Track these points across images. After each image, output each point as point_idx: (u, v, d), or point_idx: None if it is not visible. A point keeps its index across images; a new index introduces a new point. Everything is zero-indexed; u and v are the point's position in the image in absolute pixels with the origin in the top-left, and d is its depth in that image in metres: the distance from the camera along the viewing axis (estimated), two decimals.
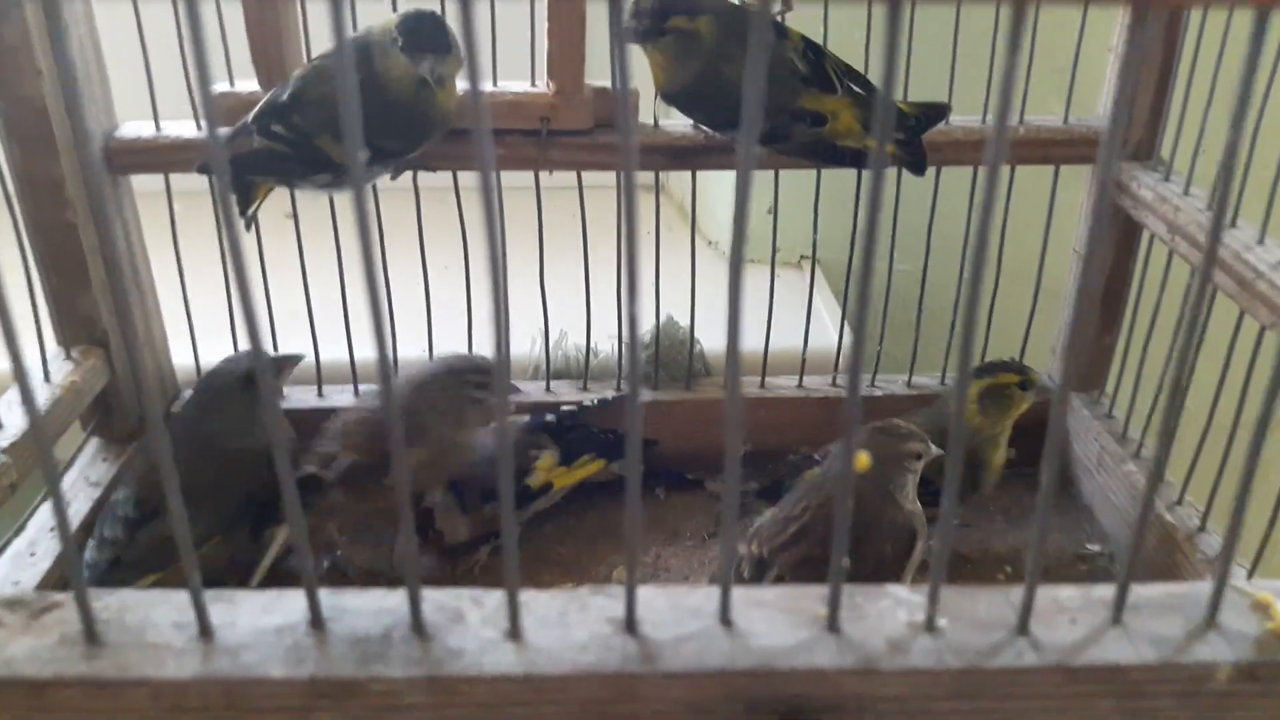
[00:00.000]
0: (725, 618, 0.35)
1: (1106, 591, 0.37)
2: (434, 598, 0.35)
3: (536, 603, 0.35)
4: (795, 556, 0.72)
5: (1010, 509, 0.96)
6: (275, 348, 0.93)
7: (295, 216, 0.89)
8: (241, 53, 0.82)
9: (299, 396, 0.97)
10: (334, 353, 0.95)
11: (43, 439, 0.36)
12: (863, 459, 0.74)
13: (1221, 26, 0.76)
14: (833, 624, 0.34)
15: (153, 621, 0.35)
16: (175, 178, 0.87)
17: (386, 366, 0.31)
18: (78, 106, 0.40)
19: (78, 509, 0.82)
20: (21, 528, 0.79)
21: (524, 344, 1.00)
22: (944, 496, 0.33)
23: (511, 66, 0.85)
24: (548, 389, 0.98)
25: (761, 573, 0.73)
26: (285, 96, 0.79)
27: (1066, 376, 0.55)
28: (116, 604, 0.36)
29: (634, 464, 0.32)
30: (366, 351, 0.96)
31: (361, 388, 0.96)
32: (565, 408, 0.95)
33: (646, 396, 0.96)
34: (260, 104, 0.80)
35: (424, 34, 0.75)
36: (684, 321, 0.99)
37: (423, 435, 0.81)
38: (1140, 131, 0.85)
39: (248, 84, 0.84)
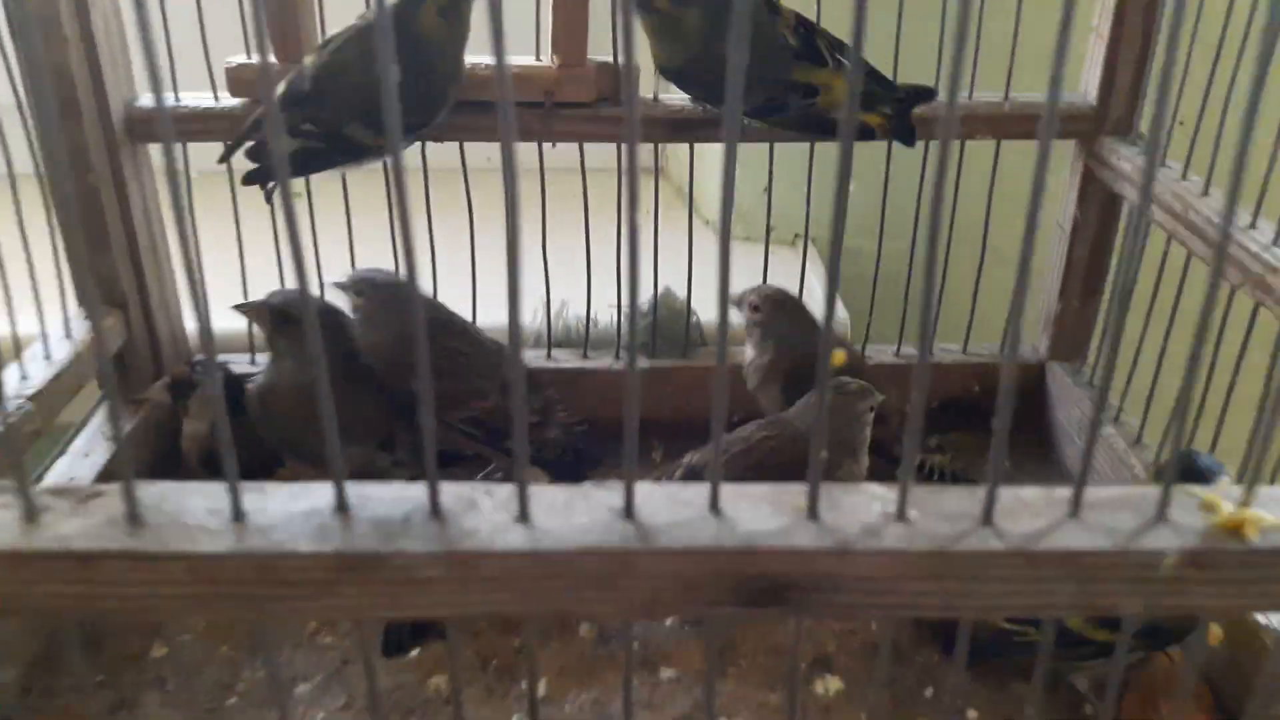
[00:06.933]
0: (715, 506, 0.38)
1: (1066, 492, 0.40)
2: (450, 489, 0.39)
3: (544, 494, 0.38)
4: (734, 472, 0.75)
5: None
6: None
7: (309, 194, 0.92)
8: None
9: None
10: None
11: (103, 358, 0.40)
12: (838, 357, 0.76)
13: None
14: (812, 512, 0.38)
15: (189, 508, 0.38)
16: (194, 159, 0.90)
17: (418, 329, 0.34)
18: (100, 74, 0.42)
19: (95, 461, 0.85)
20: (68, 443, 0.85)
21: (525, 315, 1.04)
22: (912, 404, 0.36)
23: (517, 41, 0.88)
24: (549, 357, 1.02)
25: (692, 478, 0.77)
26: (307, 86, 0.81)
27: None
28: (156, 493, 0.39)
29: (632, 411, 0.36)
30: None
31: None
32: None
33: (643, 364, 1.00)
34: (280, 93, 0.82)
35: None
36: (681, 294, 1.02)
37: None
38: (1121, 107, 0.89)
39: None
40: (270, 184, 0.87)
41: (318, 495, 0.39)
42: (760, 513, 0.38)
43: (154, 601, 0.37)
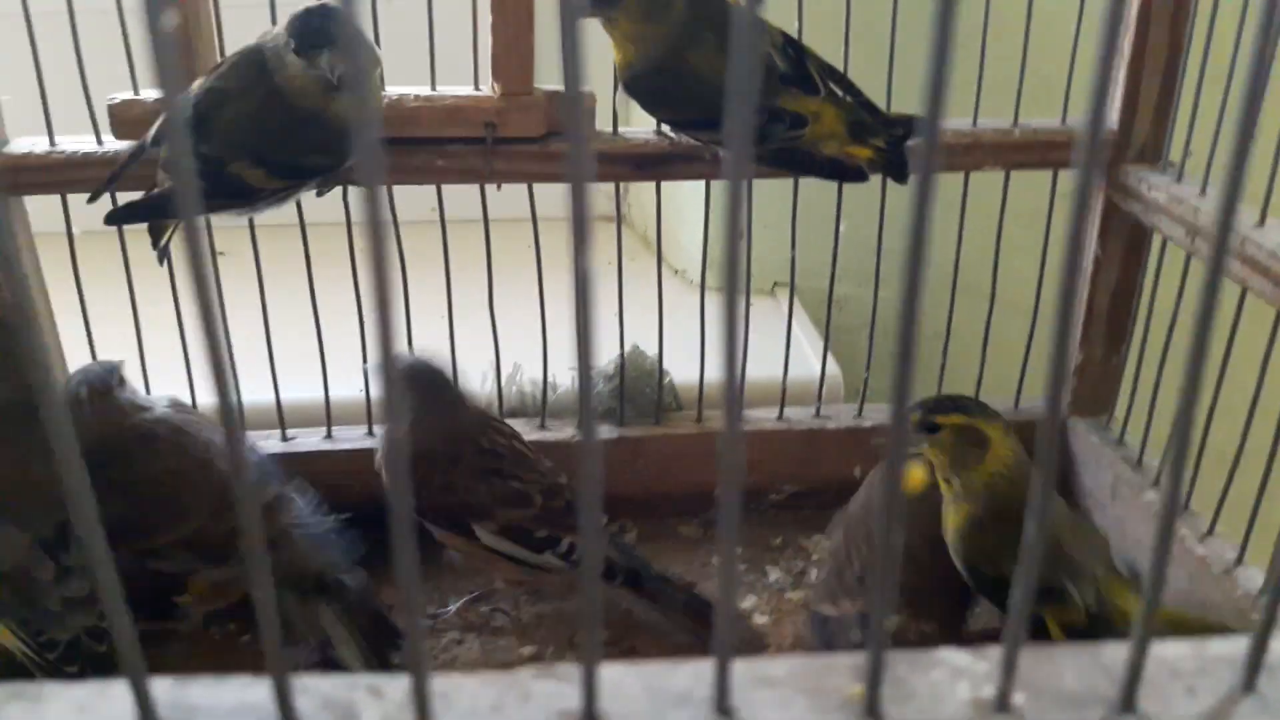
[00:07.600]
0: (723, 705, 0.25)
1: (1226, 648, 0.28)
2: (316, 688, 0.25)
3: (460, 693, 0.25)
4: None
5: None
6: (193, 392, 0.83)
7: (215, 254, 0.80)
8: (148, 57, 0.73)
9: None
10: (257, 394, 0.85)
11: None
12: (915, 475, 0.65)
13: (1236, 20, 0.70)
14: (872, 707, 0.25)
15: None
16: (76, 214, 0.77)
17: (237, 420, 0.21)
18: None
19: None
20: None
21: (474, 380, 0.91)
22: (1027, 522, 0.24)
23: (451, 68, 0.76)
24: None
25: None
26: (189, 113, 0.70)
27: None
28: None
29: (592, 501, 0.23)
30: (292, 392, 0.87)
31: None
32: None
33: (609, 433, 0.87)
34: (158, 123, 0.71)
35: (313, 29, 0.66)
36: (651, 353, 0.90)
37: None
38: (1146, 133, 0.78)
39: (154, 91, 0.75)
40: (162, 243, 0.75)
41: (117, 705, 0.25)
42: (793, 712, 0.25)
43: None
